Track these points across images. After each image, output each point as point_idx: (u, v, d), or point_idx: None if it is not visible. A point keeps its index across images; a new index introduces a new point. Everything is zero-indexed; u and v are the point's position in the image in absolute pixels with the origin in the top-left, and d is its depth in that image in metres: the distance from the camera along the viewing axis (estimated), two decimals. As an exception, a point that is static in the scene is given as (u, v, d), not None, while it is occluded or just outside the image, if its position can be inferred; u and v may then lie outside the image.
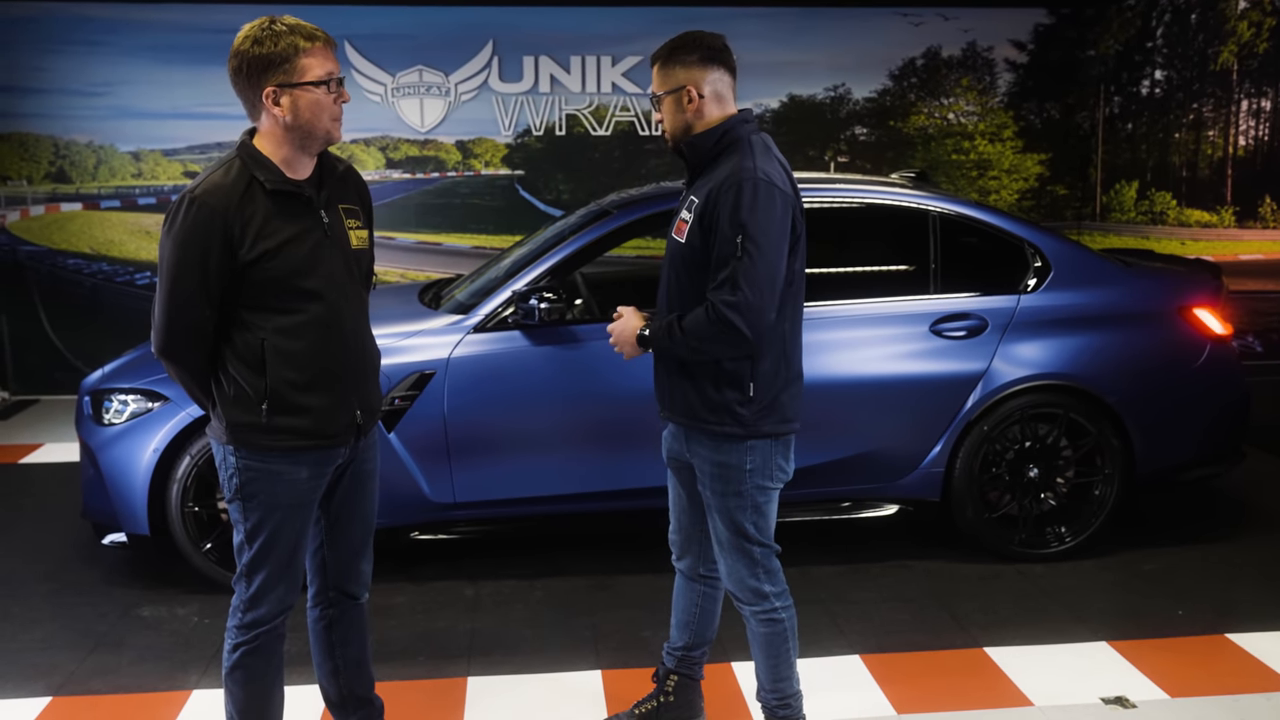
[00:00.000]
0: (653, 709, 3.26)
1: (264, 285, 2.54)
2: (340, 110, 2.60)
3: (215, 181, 2.53)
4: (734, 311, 2.64)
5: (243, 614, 2.73)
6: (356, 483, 2.85)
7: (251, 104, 2.57)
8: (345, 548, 2.89)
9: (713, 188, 2.72)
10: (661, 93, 2.83)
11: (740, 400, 2.79)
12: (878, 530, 4.90)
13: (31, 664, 3.79)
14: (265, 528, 2.66)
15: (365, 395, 2.76)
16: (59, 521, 5.22)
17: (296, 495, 2.67)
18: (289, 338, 2.58)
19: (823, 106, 8.77)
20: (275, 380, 2.58)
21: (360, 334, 2.74)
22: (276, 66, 2.50)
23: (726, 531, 2.90)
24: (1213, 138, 7.84)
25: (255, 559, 2.69)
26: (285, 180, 2.57)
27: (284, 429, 2.60)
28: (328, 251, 2.62)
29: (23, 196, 8.20)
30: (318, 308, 2.60)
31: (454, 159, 8.59)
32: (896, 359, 4.50)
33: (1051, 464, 4.61)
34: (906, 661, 3.77)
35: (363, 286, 2.77)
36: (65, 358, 8.17)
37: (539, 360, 4.34)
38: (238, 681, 2.78)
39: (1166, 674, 3.64)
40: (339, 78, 2.58)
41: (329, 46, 2.56)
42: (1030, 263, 4.67)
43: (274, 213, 2.54)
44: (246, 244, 2.50)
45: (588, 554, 4.72)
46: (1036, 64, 8.87)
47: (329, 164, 2.70)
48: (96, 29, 7.99)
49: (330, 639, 2.96)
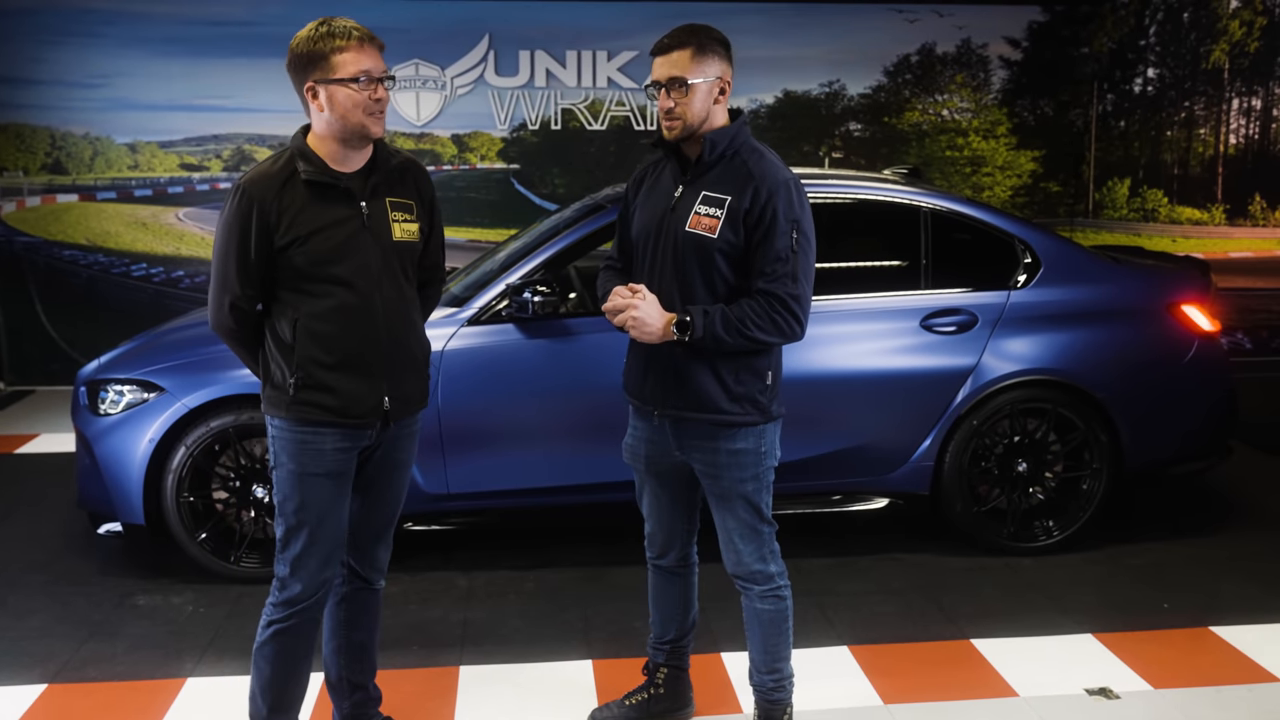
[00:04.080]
0: (643, 700, 3.30)
1: (295, 269, 2.68)
2: (378, 106, 2.68)
3: (262, 170, 2.71)
4: (797, 304, 2.78)
5: (279, 591, 2.82)
6: (385, 470, 2.92)
7: (302, 100, 2.71)
8: (364, 531, 2.96)
9: (756, 186, 2.76)
10: (694, 80, 2.78)
11: (761, 389, 2.89)
12: (868, 523, 4.93)
13: (27, 652, 3.82)
14: (295, 496, 2.77)
15: (398, 384, 2.82)
16: (55, 511, 5.25)
17: (323, 465, 2.76)
18: (319, 320, 2.71)
19: (818, 102, 8.80)
20: (303, 358, 2.71)
21: (397, 324, 2.80)
22: (315, 63, 2.64)
23: (746, 516, 2.95)
24: (1204, 136, 7.88)
25: (289, 530, 2.79)
26: (325, 171, 2.69)
27: (309, 403, 2.72)
28: (364, 242, 2.72)
29: (19, 187, 8.20)
30: (346, 295, 2.70)
31: (450, 153, 8.61)
32: (887, 354, 4.54)
33: (1040, 458, 4.65)
34: (894, 653, 3.81)
35: (407, 279, 2.84)
36: (61, 348, 8.19)
37: (533, 353, 4.37)
38: (266, 658, 2.85)
39: (1150, 665, 3.68)
40: (379, 77, 2.67)
41: (368, 44, 2.67)
42: (1020, 259, 4.71)
43: (309, 202, 2.68)
44: (281, 230, 2.65)
45: (580, 545, 4.75)
46: (1030, 61, 8.91)
47: (384, 157, 2.79)
48: (94, 20, 7.98)
49: (340, 616, 3.02)
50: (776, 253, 2.76)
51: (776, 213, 2.76)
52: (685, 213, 2.84)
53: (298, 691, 2.93)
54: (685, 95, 2.78)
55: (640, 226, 2.96)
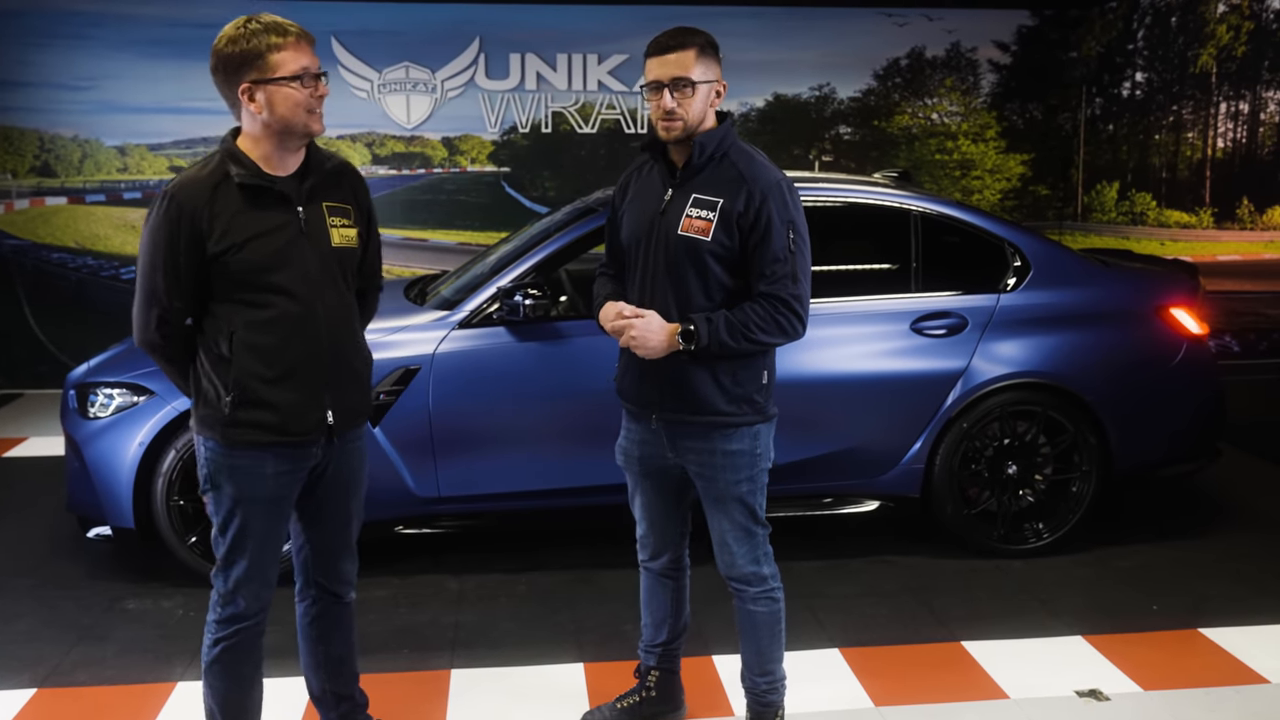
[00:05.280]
0: (635, 703, 3.30)
1: (231, 279, 2.56)
2: (318, 104, 2.58)
3: (190, 176, 2.58)
4: (799, 303, 2.80)
5: (221, 608, 2.74)
6: (337, 485, 2.82)
7: (231, 102, 2.58)
8: (325, 548, 2.88)
9: (749, 189, 2.77)
10: (700, 81, 2.78)
11: (758, 389, 2.90)
12: (858, 526, 4.95)
13: (16, 656, 3.81)
14: (235, 520, 2.67)
15: (341, 396, 2.72)
16: (43, 515, 5.23)
17: (265, 489, 2.66)
18: (257, 332, 2.58)
19: (808, 105, 8.82)
20: (241, 373, 2.58)
21: (339, 333, 2.70)
22: (250, 64, 2.51)
23: (741, 518, 2.95)
24: (1192, 140, 7.92)
25: (229, 552, 2.70)
26: (258, 175, 2.57)
27: (247, 423, 2.60)
28: (302, 248, 2.61)
29: (7, 190, 8.17)
30: (287, 303, 2.59)
31: (440, 155, 8.60)
32: (878, 357, 4.55)
33: (1030, 461, 4.66)
34: (885, 655, 3.81)
35: (347, 286, 2.73)
36: (50, 351, 8.16)
37: (523, 356, 4.37)
38: (218, 676, 2.79)
39: (1140, 667, 3.69)
40: (316, 72, 2.56)
41: (304, 41, 2.55)
42: (1010, 262, 4.72)
43: (244, 207, 2.55)
44: (214, 237, 2.53)
45: (571, 548, 4.75)
46: (1019, 65, 8.94)
47: (318, 159, 2.69)
48: (82, 23, 7.97)
49: (313, 634, 2.97)
50: (774, 254, 2.77)
51: (771, 214, 2.77)
52: (676, 216, 2.84)
53: (254, 702, 2.88)
54: (690, 96, 2.77)
55: (630, 231, 2.96)
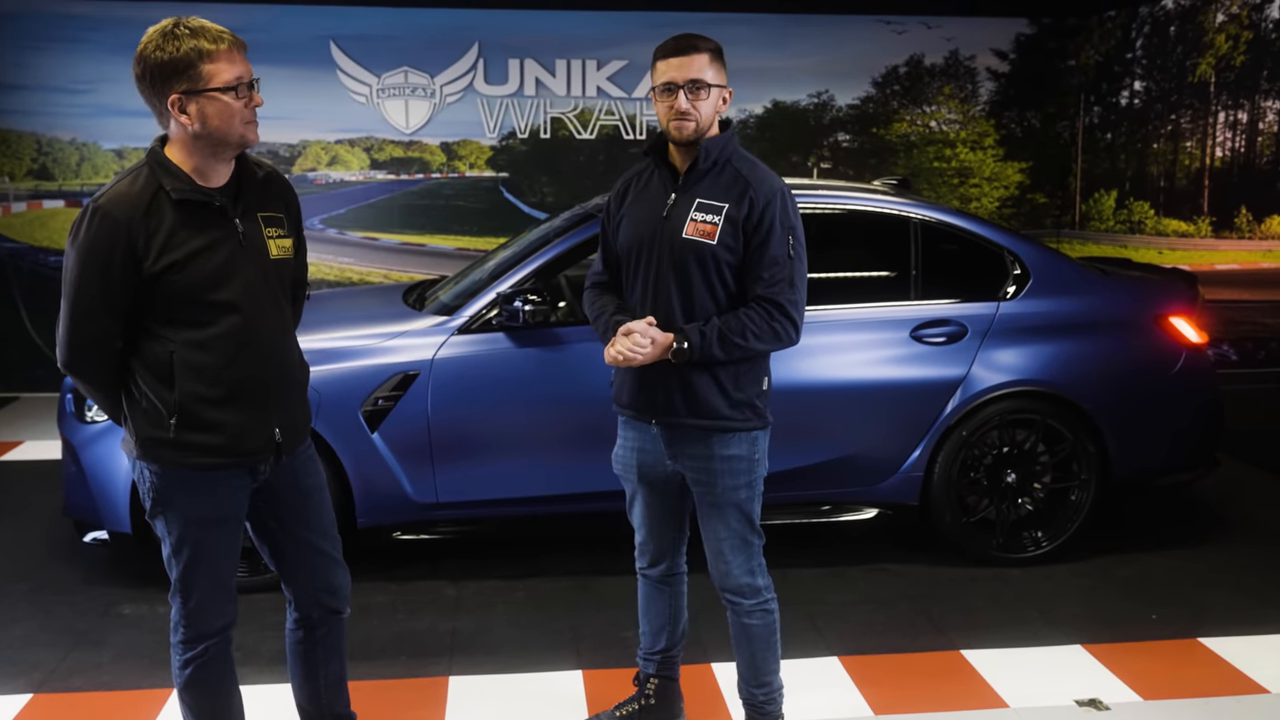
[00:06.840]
0: (634, 711, 3.29)
1: (172, 298, 2.44)
2: (253, 114, 2.46)
3: (120, 191, 2.43)
4: (795, 309, 2.83)
5: (185, 629, 2.64)
6: (298, 502, 2.73)
7: (158, 111, 2.46)
8: (309, 567, 2.79)
9: (753, 195, 2.80)
10: (715, 84, 2.81)
11: (758, 394, 2.92)
12: (857, 534, 4.94)
13: (12, 661, 3.79)
14: (188, 543, 2.57)
15: (287, 412, 2.64)
16: (39, 519, 5.21)
17: (216, 510, 2.58)
18: (199, 351, 2.47)
19: (806, 112, 8.83)
20: (184, 395, 2.47)
21: (282, 348, 2.62)
22: (180, 73, 2.38)
23: (738, 525, 2.95)
24: (1190, 149, 7.93)
25: (185, 576, 2.60)
26: (194, 189, 2.45)
27: (193, 445, 2.50)
28: (243, 262, 2.50)
29: (5, 193, 8.16)
30: (232, 320, 2.48)
31: (438, 160, 8.60)
32: (877, 364, 4.54)
33: (1029, 469, 4.65)
34: (884, 663, 3.81)
35: (285, 298, 2.65)
36: (46, 355, 8.12)
37: (523, 362, 4.36)
38: (195, 695, 2.71)
39: (1139, 677, 3.69)
40: (250, 81, 2.44)
41: (236, 49, 2.42)
42: (1009, 270, 4.72)
43: (181, 223, 2.42)
44: (151, 256, 2.39)
45: (569, 555, 4.74)
46: (1018, 73, 8.96)
47: (248, 170, 2.58)
48: (79, 26, 7.97)
49: (315, 658, 2.89)
50: (773, 258, 2.80)
51: (774, 219, 2.80)
52: (681, 220, 2.84)
53: (236, 710, 2.81)
54: (703, 98, 2.80)
55: (631, 236, 2.95)
